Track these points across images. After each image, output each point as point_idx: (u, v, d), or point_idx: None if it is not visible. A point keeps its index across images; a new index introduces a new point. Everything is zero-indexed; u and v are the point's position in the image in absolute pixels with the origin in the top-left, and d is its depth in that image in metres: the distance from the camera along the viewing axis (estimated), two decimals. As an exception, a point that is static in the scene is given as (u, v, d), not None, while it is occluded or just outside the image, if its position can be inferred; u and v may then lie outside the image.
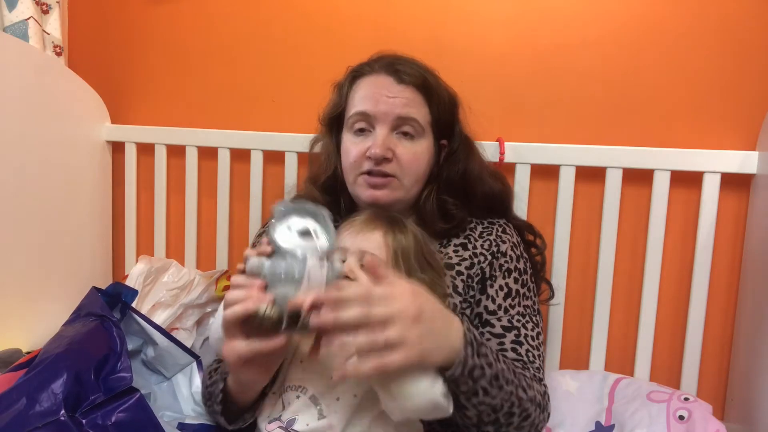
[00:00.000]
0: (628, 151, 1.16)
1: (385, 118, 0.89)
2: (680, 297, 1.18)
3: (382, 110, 0.89)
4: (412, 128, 0.90)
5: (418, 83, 0.91)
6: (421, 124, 0.91)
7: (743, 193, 1.15)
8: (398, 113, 0.89)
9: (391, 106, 0.89)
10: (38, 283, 1.38)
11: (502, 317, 0.88)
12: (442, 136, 0.96)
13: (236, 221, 1.50)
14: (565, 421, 1.07)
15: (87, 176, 1.53)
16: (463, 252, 0.94)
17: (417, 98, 0.91)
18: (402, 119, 0.90)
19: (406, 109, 0.89)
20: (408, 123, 0.90)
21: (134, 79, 1.61)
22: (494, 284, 0.91)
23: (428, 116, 0.92)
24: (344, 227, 0.80)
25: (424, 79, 0.92)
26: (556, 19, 1.24)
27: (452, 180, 0.95)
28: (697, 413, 0.95)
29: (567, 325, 1.23)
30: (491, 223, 0.99)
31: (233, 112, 1.51)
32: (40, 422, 0.71)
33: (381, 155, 0.88)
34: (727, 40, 1.15)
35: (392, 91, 0.90)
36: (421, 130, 0.91)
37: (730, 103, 1.16)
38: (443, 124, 0.95)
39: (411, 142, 0.91)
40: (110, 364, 0.82)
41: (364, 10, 1.37)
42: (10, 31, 1.39)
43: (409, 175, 0.91)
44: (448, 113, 0.95)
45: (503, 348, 0.86)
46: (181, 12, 1.54)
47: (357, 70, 0.97)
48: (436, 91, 0.93)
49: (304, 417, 0.73)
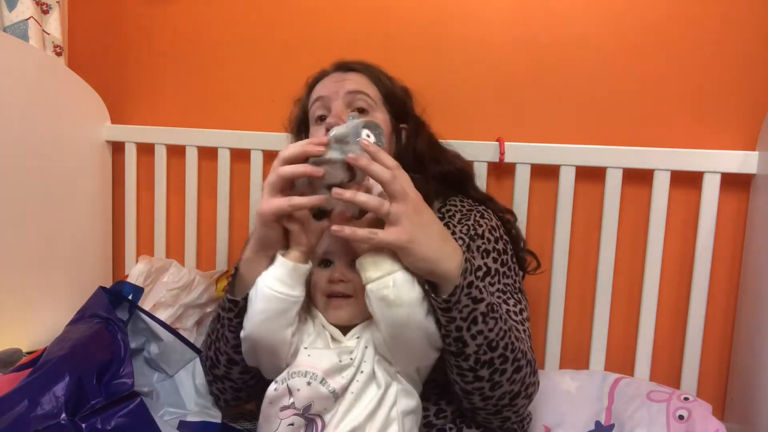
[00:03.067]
0: (628, 151, 1.16)
1: (337, 96, 0.97)
2: (680, 297, 1.18)
3: (334, 89, 0.98)
4: (364, 102, 0.97)
5: (363, 69, 1.02)
6: (372, 98, 0.98)
7: (743, 193, 1.15)
8: (348, 88, 0.97)
9: (341, 85, 0.98)
10: (38, 283, 1.38)
11: None
12: (397, 118, 1.02)
13: (236, 221, 1.50)
14: (564, 421, 1.07)
15: (87, 176, 1.53)
16: None
17: (364, 80, 1.00)
18: (352, 93, 0.97)
19: (355, 85, 0.98)
20: (359, 96, 0.97)
21: (134, 79, 1.61)
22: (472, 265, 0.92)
23: (378, 93, 1.00)
24: None
25: (369, 66, 1.03)
26: (556, 19, 1.24)
27: (411, 158, 1.00)
28: (697, 413, 0.95)
29: (567, 325, 1.23)
30: (470, 209, 0.99)
31: (233, 112, 1.51)
32: (41, 425, 0.72)
33: (334, 124, 0.92)
34: (727, 40, 1.15)
35: (341, 77, 1.00)
36: (374, 103, 0.98)
37: (730, 103, 1.16)
38: (396, 104, 1.02)
39: (365, 116, 0.97)
40: (113, 369, 0.82)
41: (364, 11, 1.37)
42: (10, 31, 1.39)
43: None
44: (398, 94, 1.04)
45: None
46: (181, 12, 1.54)
47: (312, 78, 1.07)
48: (383, 76, 1.03)
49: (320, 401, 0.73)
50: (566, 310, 1.23)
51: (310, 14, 1.42)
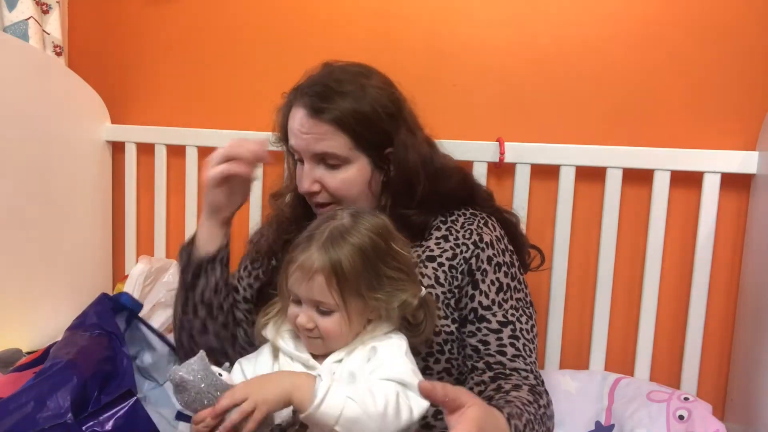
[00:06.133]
0: (628, 151, 1.16)
1: (306, 154, 0.92)
2: (680, 297, 1.18)
3: (302, 147, 0.92)
4: (333, 159, 0.91)
5: (331, 116, 0.90)
6: (339, 155, 0.90)
7: (743, 193, 1.15)
8: (313, 150, 0.91)
9: (306, 143, 0.91)
10: (38, 283, 1.38)
11: (497, 312, 0.90)
12: (382, 147, 0.94)
13: (236, 221, 1.49)
14: (565, 421, 1.07)
15: (87, 176, 1.53)
16: (444, 244, 0.95)
17: (330, 130, 0.90)
18: (319, 155, 0.91)
19: (321, 144, 0.90)
20: (327, 157, 0.91)
21: (134, 79, 1.61)
22: (486, 279, 0.92)
23: (349, 143, 0.91)
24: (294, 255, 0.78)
25: (338, 105, 0.90)
26: (556, 19, 1.24)
27: (400, 185, 0.95)
28: (697, 413, 0.95)
29: (567, 325, 1.23)
30: (473, 214, 0.99)
31: (233, 112, 1.51)
32: (48, 424, 0.74)
33: (307, 191, 0.93)
34: (727, 40, 1.15)
35: (305, 126, 0.91)
36: (344, 158, 0.91)
37: (730, 103, 1.15)
38: (374, 138, 0.92)
39: (337, 171, 0.92)
40: (116, 381, 0.85)
41: (364, 11, 1.37)
42: (10, 31, 1.39)
43: (346, 198, 0.93)
44: (375, 130, 0.92)
45: (501, 343, 0.88)
46: (181, 12, 1.54)
47: (288, 97, 0.99)
48: (354, 116, 0.90)
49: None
50: (566, 310, 1.23)
51: (310, 14, 1.42)
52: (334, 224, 0.77)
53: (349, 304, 0.74)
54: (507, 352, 0.88)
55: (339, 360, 0.76)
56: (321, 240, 0.75)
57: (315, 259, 0.73)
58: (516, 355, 0.88)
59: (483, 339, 0.89)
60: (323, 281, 0.73)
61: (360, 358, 0.75)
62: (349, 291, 0.74)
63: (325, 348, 0.77)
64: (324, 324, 0.74)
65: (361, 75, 0.95)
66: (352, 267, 0.73)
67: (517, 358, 0.88)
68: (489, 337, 0.89)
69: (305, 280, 0.74)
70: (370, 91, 0.92)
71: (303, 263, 0.74)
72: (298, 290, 0.75)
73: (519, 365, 0.87)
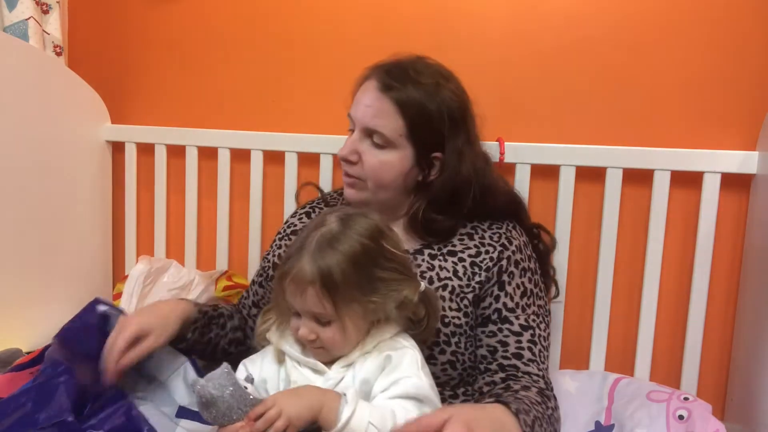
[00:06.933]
0: (628, 151, 1.16)
1: (359, 124, 0.94)
2: (680, 297, 1.18)
3: (358, 117, 0.94)
4: (380, 138, 0.92)
5: (398, 96, 0.91)
6: (387, 137, 0.91)
7: (743, 193, 1.15)
8: (366, 124, 0.92)
9: (362, 114, 0.93)
10: (38, 283, 1.38)
11: (520, 315, 0.92)
12: (432, 149, 0.94)
13: (236, 221, 1.50)
14: (565, 421, 1.06)
15: (87, 176, 1.53)
16: (468, 241, 0.96)
17: (391, 110, 0.91)
18: (369, 130, 0.92)
19: (374, 120, 0.91)
20: (375, 134, 0.92)
21: (134, 79, 1.61)
22: (512, 282, 0.93)
23: (402, 129, 0.91)
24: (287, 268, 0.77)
25: (408, 91, 0.91)
26: (556, 19, 1.24)
27: (445, 191, 0.94)
28: (697, 413, 0.94)
29: (567, 325, 1.23)
30: (501, 217, 1.01)
31: (233, 112, 1.51)
32: (47, 423, 0.74)
33: (343, 157, 0.95)
34: (727, 39, 1.15)
35: (370, 98, 0.92)
36: (391, 142, 0.92)
37: (730, 103, 1.15)
38: (427, 135, 0.93)
39: (379, 151, 0.93)
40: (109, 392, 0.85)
41: (365, 11, 1.37)
42: (10, 31, 1.39)
43: (373, 180, 0.94)
44: (433, 128, 0.93)
45: (520, 347, 0.90)
46: (181, 12, 1.54)
47: (367, 70, 0.99)
48: (420, 106, 0.91)
49: None
50: (566, 310, 1.23)
51: (311, 14, 1.41)
52: (322, 231, 0.76)
53: (345, 313, 0.74)
54: (524, 355, 0.89)
55: (348, 365, 0.76)
56: (310, 250, 0.74)
57: (306, 271, 0.73)
58: (531, 360, 0.89)
59: (503, 340, 0.90)
60: (316, 293, 0.73)
61: (374, 366, 0.75)
62: (343, 299, 0.73)
63: (331, 356, 0.77)
64: (325, 334, 0.74)
65: (441, 75, 0.96)
66: (343, 276, 0.72)
67: (531, 363, 0.89)
68: (509, 339, 0.90)
69: (299, 294, 0.74)
70: (444, 91, 0.94)
71: (295, 276, 0.74)
72: (295, 303, 0.75)
73: (532, 370, 0.88)
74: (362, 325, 0.77)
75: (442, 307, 0.90)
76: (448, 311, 0.90)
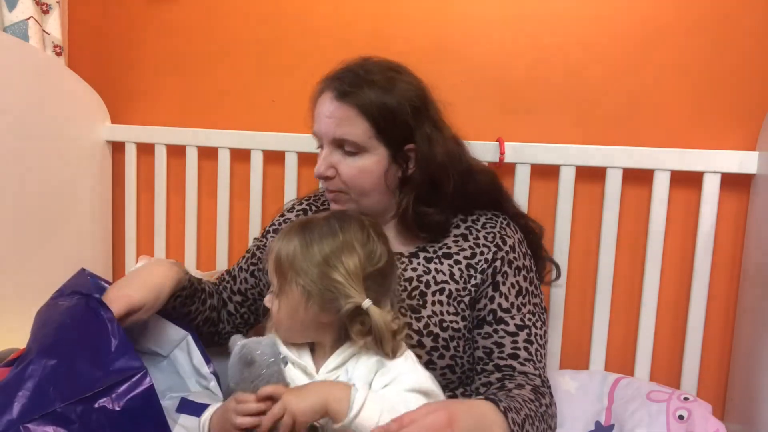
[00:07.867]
0: (628, 151, 1.16)
1: (326, 138, 0.92)
2: (680, 297, 1.18)
3: (323, 131, 0.92)
4: (351, 146, 0.90)
5: (356, 100, 0.90)
6: (358, 143, 0.90)
7: (743, 193, 1.15)
8: (333, 135, 0.91)
9: (326, 126, 0.91)
10: (38, 282, 1.38)
11: (515, 315, 0.91)
12: (403, 142, 0.92)
13: (236, 221, 1.50)
14: (564, 421, 1.06)
15: (87, 176, 1.53)
16: (463, 242, 0.96)
17: (353, 115, 0.90)
18: (338, 140, 0.91)
19: (340, 129, 0.90)
20: (345, 143, 0.90)
21: (134, 79, 1.61)
22: (506, 282, 0.93)
23: (370, 130, 0.90)
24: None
25: (365, 92, 0.90)
26: (556, 19, 1.24)
27: (424, 181, 0.94)
28: (697, 413, 0.94)
29: (567, 325, 1.23)
30: (495, 215, 1.00)
31: (233, 112, 1.51)
32: (34, 415, 0.68)
33: (320, 174, 0.93)
34: (727, 40, 1.15)
35: (329, 109, 0.91)
36: (362, 146, 0.90)
37: (730, 103, 1.15)
38: (396, 130, 0.91)
39: (354, 158, 0.91)
40: (104, 348, 0.76)
41: (364, 11, 1.37)
42: (10, 31, 1.39)
43: (354, 188, 0.92)
44: (399, 122, 0.91)
45: (516, 347, 0.89)
46: (181, 12, 1.54)
47: (319, 84, 0.98)
48: (380, 104, 0.90)
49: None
50: (566, 310, 1.23)
51: (310, 14, 1.42)
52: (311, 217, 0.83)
53: (285, 286, 0.78)
54: (520, 355, 0.89)
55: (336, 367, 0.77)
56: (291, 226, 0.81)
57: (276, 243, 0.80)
58: (527, 359, 0.89)
59: (498, 341, 0.90)
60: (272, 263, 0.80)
61: (367, 367, 0.76)
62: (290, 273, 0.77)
63: (283, 336, 0.80)
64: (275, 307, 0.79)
65: (392, 70, 0.95)
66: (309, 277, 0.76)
67: (527, 363, 0.89)
68: (504, 340, 0.90)
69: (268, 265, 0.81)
70: (399, 83, 0.93)
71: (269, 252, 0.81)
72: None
73: (528, 369, 0.88)
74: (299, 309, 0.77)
75: (440, 312, 0.90)
76: (446, 315, 0.90)
